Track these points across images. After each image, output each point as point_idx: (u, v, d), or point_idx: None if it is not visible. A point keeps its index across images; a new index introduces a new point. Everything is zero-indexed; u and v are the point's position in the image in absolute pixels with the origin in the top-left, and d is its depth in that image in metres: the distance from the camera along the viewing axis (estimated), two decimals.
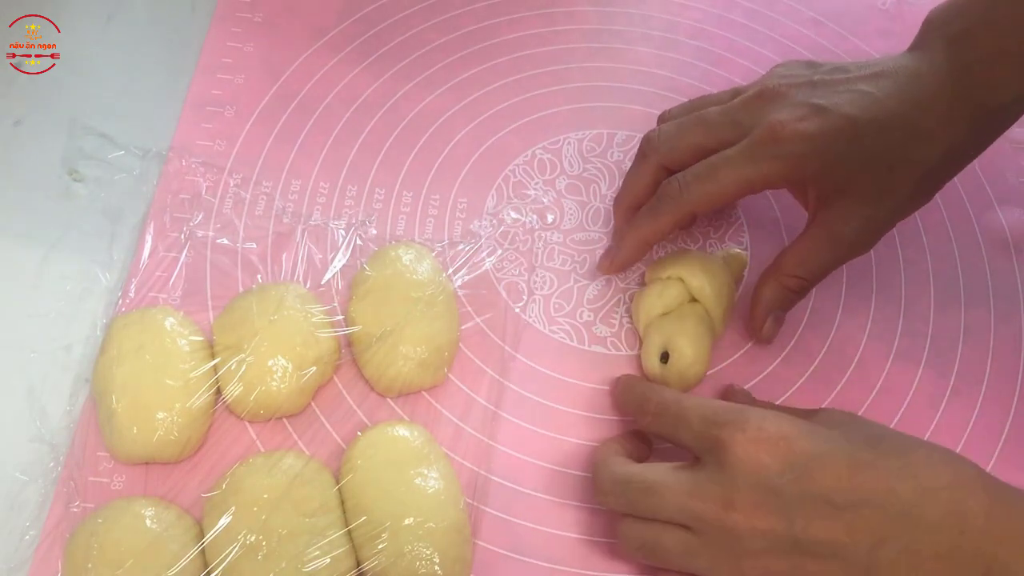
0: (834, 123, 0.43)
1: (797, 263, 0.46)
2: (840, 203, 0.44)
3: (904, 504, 0.36)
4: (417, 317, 0.46)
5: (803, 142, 0.43)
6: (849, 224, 0.44)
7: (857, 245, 0.45)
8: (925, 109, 0.43)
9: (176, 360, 0.44)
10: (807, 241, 0.45)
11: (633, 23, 0.61)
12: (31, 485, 0.43)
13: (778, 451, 0.37)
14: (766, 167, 0.43)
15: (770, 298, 0.46)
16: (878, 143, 0.43)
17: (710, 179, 0.44)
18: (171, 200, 0.52)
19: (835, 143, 0.43)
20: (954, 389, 0.49)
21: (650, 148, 0.47)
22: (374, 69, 0.58)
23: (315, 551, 0.40)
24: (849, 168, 0.43)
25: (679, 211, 0.45)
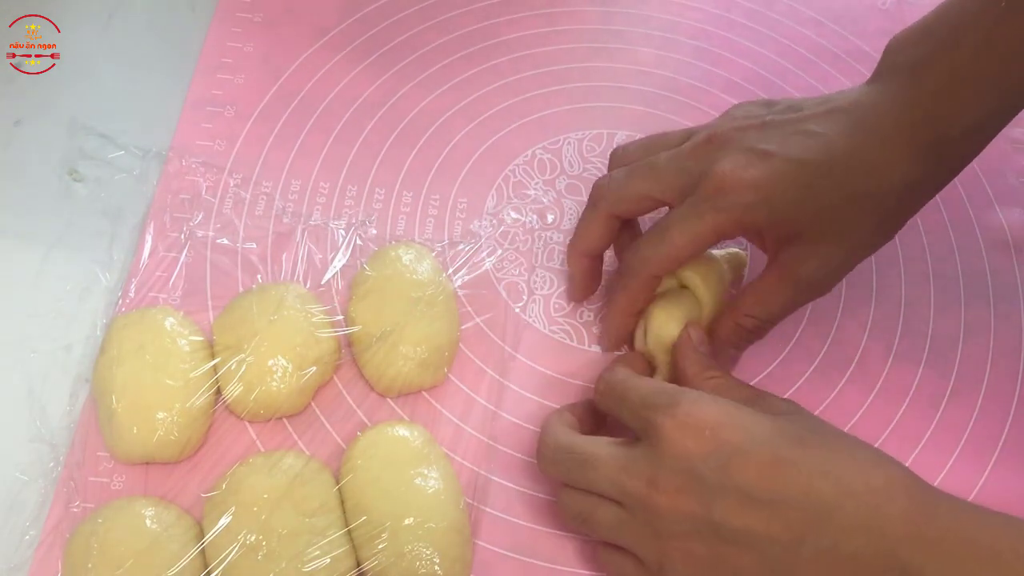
0: (780, 168, 0.42)
1: (754, 303, 0.45)
2: (798, 245, 0.43)
3: (823, 504, 0.36)
4: (417, 317, 0.46)
5: (748, 191, 0.42)
6: (807, 265, 0.43)
7: (816, 286, 0.44)
8: (879, 144, 0.42)
9: (176, 360, 0.44)
10: (765, 282, 0.44)
11: (633, 23, 0.61)
12: (31, 485, 0.43)
13: (703, 439, 0.38)
14: (712, 220, 0.42)
15: (725, 336, 0.45)
16: (829, 184, 0.42)
17: (663, 242, 0.44)
18: (171, 200, 0.52)
19: (783, 189, 0.42)
20: (954, 389, 0.49)
21: (599, 196, 0.47)
22: (374, 69, 0.58)
23: (315, 551, 0.40)
24: (801, 212, 0.42)
25: (641, 280, 0.45)
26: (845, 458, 0.37)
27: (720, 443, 0.37)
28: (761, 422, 0.38)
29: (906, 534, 0.35)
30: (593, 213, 0.47)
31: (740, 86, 0.59)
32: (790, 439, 0.38)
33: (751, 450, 0.37)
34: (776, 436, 0.38)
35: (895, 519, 0.35)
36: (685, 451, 0.38)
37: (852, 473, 0.36)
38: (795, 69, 0.60)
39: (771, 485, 0.36)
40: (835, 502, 0.36)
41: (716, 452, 0.37)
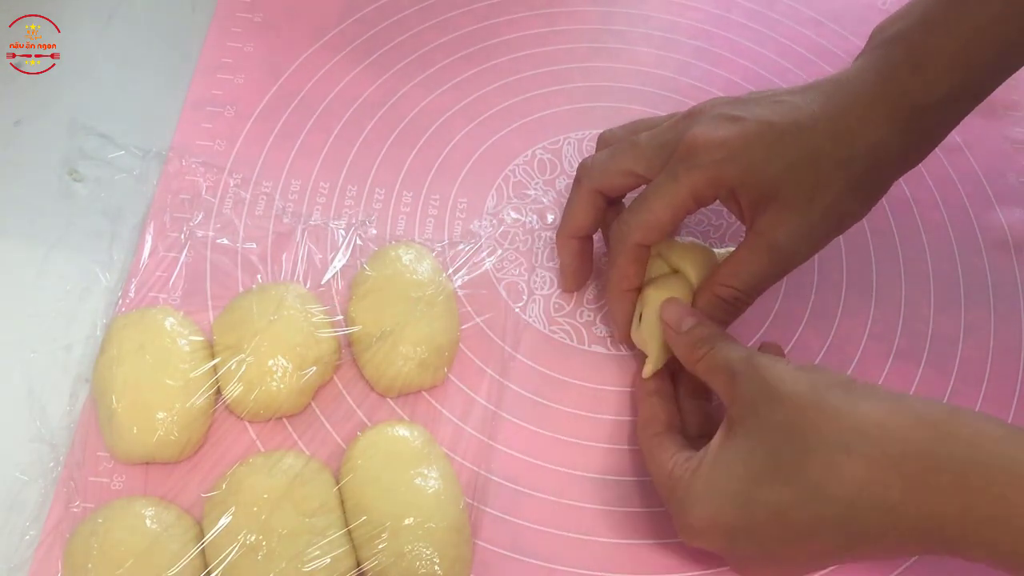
0: (750, 128, 0.43)
1: (730, 272, 0.45)
2: (771, 210, 0.43)
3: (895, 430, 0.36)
4: (417, 317, 0.46)
5: (717, 149, 0.42)
6: (781, 230, 0.43)
7: (791, 253, 0.44)
8: (847, 110, 0.42)
9: (176, 360, 0.44)
10: (742, 251, 0.44)
11: (633, 23, 0.61)
12: (31, 485, 0.43)
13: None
14: (686, 180, 0.43)
15: (702, 307, 0.45)
16: (799, 144, 0.42)
17: (643, 210, 0.44)
18: (171, 200, 0.52)
19: (753, 147, 0.42)
20: (954, 389, 0.49)
21: (583, 174, 0.47)
22: (374, 69, 0.58)
23: (315, 551, 0.40)
24: (772, 172, 0.42)
25: (626, 249, 0.45)
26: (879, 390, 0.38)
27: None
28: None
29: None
30: (577, 191, 0.48)
31: (740, 86, 0.59)
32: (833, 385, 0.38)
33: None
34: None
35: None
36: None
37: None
38: (795, 69, 0.60)
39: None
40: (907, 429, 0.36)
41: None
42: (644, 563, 0.44)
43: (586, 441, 0.47)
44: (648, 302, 0.46)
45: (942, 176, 0.56)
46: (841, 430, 0.36)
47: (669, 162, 0.44)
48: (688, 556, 0.44)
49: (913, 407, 0.36)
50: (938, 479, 0.34)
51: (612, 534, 0.44)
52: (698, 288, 0.46)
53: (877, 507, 0.36)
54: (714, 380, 0.42)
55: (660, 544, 0.44)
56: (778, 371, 0.39)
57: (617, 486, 0.46)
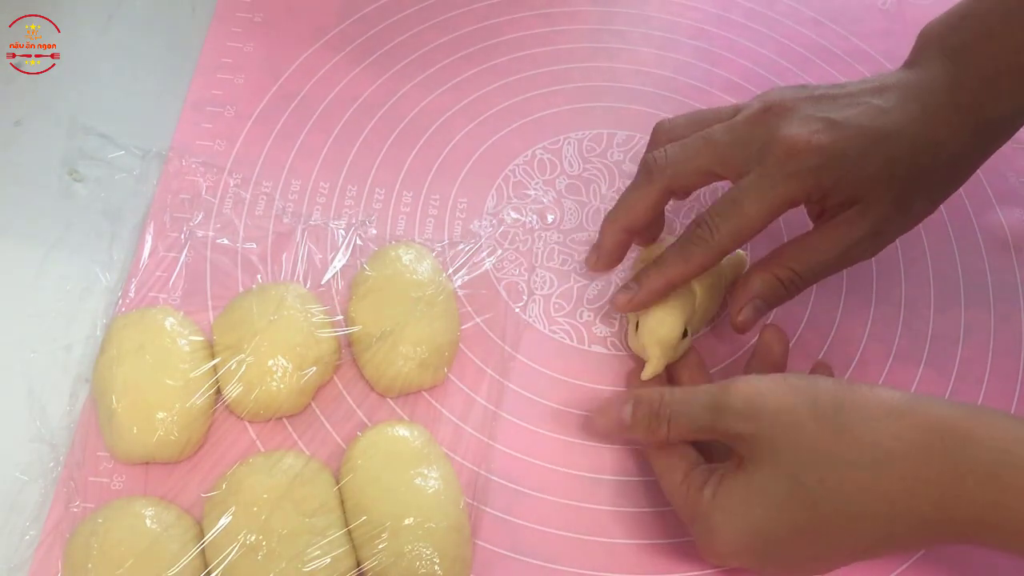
0: (846, 134, 0.43)
1: (795, 255, 0.45)
2: (852, 210, 0.44)
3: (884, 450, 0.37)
4: (417, 317, 0.46)
5: (818, 155, 0.42)
6: (858, 229, 0.44)
7: (860, 251, 0.45)
8: (930, 120, 0.43)
9: (176, 360, 0.44)
10: (812, 238, 0.45)
11: (633, 23, 0.61)
12: (31, 485, 0.43)
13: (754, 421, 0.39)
14: (785, 187, 0.43)
15: (758, 285, 0.45)
16: (888, 153, 0.43)
17: (736, 215, 0.43)
18: (171, 200, 0.52)
19: (848, 154, 0.43)
20: (954, 389, 0.49)
21: (656, 170, 0.46)
22: (374, 69, 0.58)
23: (315, 551, 0.40)
24: (861, 178, 0.43)
25: (711, 254, 0.44)
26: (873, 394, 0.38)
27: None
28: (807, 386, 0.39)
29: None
30: (647, 187, 0.46)
31: (740, 86, 0.59)
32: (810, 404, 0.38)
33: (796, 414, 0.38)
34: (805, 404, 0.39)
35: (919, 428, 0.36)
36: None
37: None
38: (795, 69, 0.60)
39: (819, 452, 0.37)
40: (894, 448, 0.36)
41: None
42: (644, 563, 0.44)
43: (586, 441, 0.47)
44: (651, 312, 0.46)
45: None
46: (862, 450, 0.37)
47: (763, 165, 0.43)
48: (689, 556, 0.44)
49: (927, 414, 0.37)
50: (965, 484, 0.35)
51: (612, 534, 0.44)
52: (753, 267, 0.46)
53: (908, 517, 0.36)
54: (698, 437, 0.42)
55: (660, 544, 0.44)
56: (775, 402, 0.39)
57: (617, 486, 0.46)
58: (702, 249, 0.44)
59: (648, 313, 0.46)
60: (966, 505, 0.35)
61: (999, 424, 0.36)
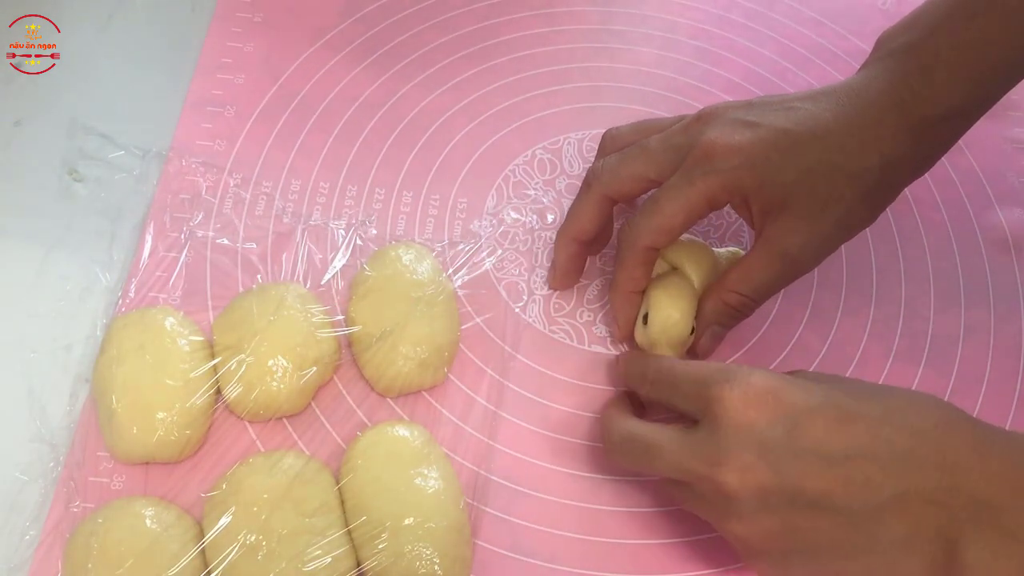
0: (766, 135, 0.43)
1: (739, 279, 0.45)
2: (783, 218, 0.43)
3: (896, 449, 0.36)
4: (417, 317, 0.46)
5: (735, 155, 0.43)
6: (792, 238, 0.43)
7: (801, 261, 0.45)
8: (861, 121, 0.43)
9: (176, 360, 0.44)
10: (751, 258, 0.45)
11: (633, 23, 0.61)
12: (31, 485, 0.43)
13: (767, 405, 0.37)
14: (702, 185, 0.43)
15: (709, 312, 0.46)
16: (813, 154, 0.43)
17: (655, 213, 0.44)
18: (171, 200, 0.52)
19: (769, 155, 0.43)
20: (954, 389, 0.49)
21: (593, 179, 0.47)
22: (374, 69, 0.58)
23: (315, 551, 0.40)
24: (786, 180, 0.43)
25: (636, 252, 0.45)
26: (902, 403, 0.37)
27: (784, 407, 0.37)
28: (815, 385, 0.39)
29: (978, 468, 0.35)
30: (587, 196, 0.48)
31: (740, 86, 0.59)
32: (847, 395, 0.38)
33: (816, 410, 0.37)
34: (833, 394, 0.38)
35: (964, 452, 0.35)
36: (749, 421, 0.37)
37: (914, 415, 0.37)
38: (795, 69, 0.60)
39: (843, 440, 0.36)
40: (907, 445, 0.36)
41: (782, 417, 0.37)
42: (644, 563, 0.44)
43: (586, 441, 0.47)
44: (654, 302, 0.46)
45: (942, 176, 0.56)
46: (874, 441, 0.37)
47: (683, 166, 0.44)
48: (689, 556, 0.44)
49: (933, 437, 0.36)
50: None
51: (612, 534, 0.44)
52: (704, 294, 0.46)
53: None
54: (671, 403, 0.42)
55: (660, 544, 0.44)
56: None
57: (617, 486, 0.46)
58: (629, 252, 0.45)
59: (658, 311, 0.46)
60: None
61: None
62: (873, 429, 0.36)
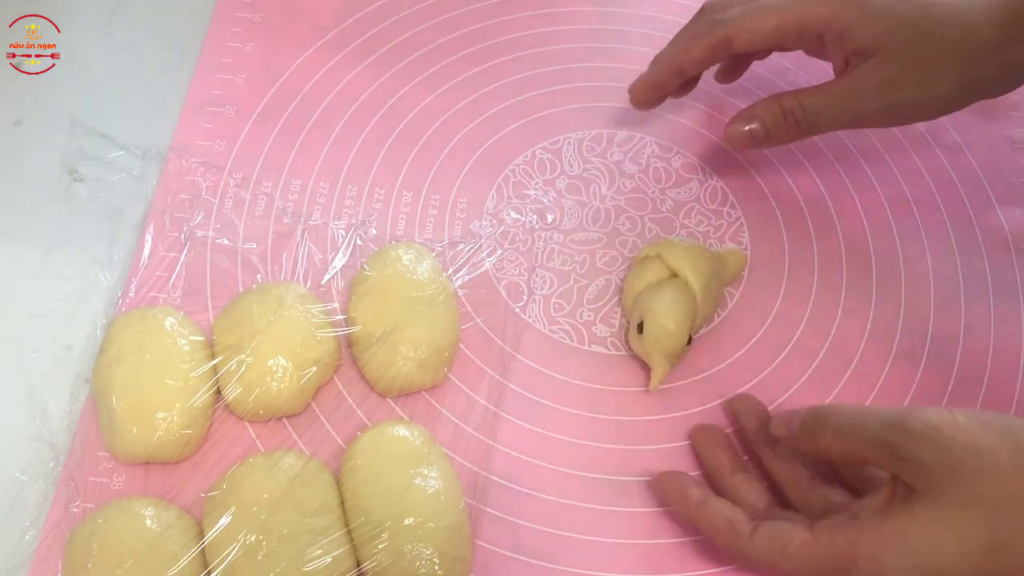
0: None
1: (806, 92, 0.46)
2: (871, 60, 0.44)
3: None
4: (417, 317, 0.46)
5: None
6: (871, 79, 0.45)
7: (868, 103, 0.45)
8: (971, 10, 0.44)
9: (176, 360, 0.44)
10: (827, 83, 0.46)
11: (633, 23, 0.61)
12: (31, 485, 0.43)
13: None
14: (807, 4, 0.44)
15: (762, 106, 0.46)
16: (920, 14, 0.44)
17: (752, 10, 0.45)
18: (171, 200, 0.52)
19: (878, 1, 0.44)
20: (954, 389, 0.49)
21: (721, 19, 0.46)
22: (374, 69, 0.58)
23: (315, 551, 0.40)
24: (888, 28, 0.44)
25: (711, 36, 0.45)
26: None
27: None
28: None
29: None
30: (709, 33, 0.47)
31: (740, 86, 0.58)
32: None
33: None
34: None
35: None
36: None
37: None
38: (795, 69, 0.60)
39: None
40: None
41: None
42: (644, 563, 0.44)
43: (586, 441, 0.47)
44: (649, 311, 0.46)
45: (942, 176, 0.56)
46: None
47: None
48: (689, 556, 0.44)
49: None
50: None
51: (612, 534, 0.44)
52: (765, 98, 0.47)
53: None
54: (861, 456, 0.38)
55: (661, 544, 0.44)
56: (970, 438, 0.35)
57: (617, 486, 0.46)
58: (704, 31, 0.46)
59: (653, 321, 0.46)
60: None
61: None
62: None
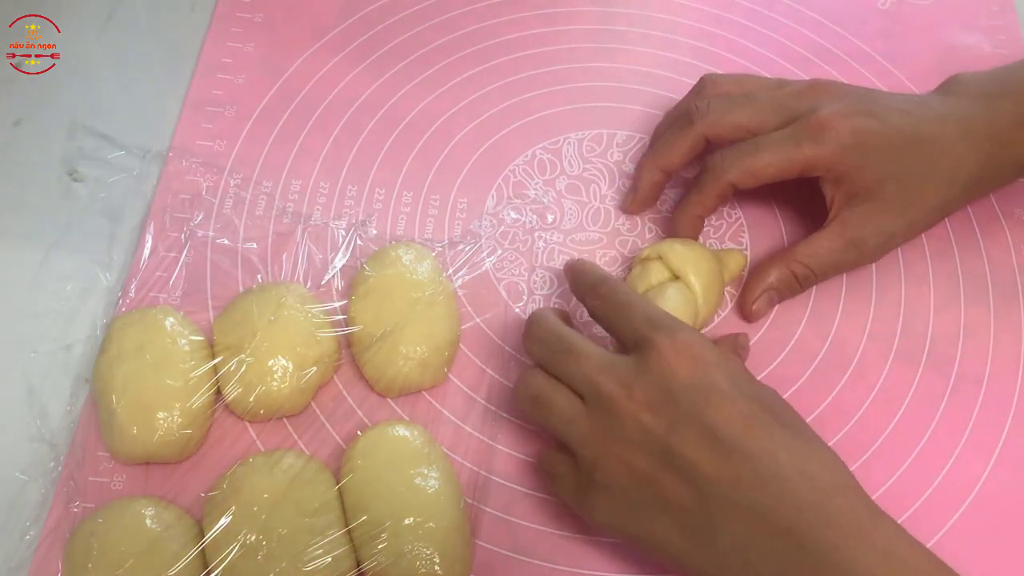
0: (878, 127, 0.46)
1: (810, 254, 0.48)
2: (865, 207, 0.47)
3: (779, 472, 0.36)
4: (417, 317, 0.46)
5: (850, 135, 0.45)
6: (867, 230, 0.47)
7: (869, 252, 0.48)
8: (961, 140, 0.47)
9: (176, 360, 0.44)
10: (825, 238, 0.48)
11: (633, 23, 0.61)
12: (31, 485, 0.43)
13: (693, 368, 0.39)
14: (808, 151, 0.45)
15: (774, 277, 0.48)
16: (914, 159, 0.46)
17: (752, 155, 0.46)
18: (171, 200, 0.52)
19: (877, 147, 0.46)
20: (954, 389, 0.49)
21: (697, 117, 0.49)
22: (374, 69, 0.58)
23: (315, 551, 0.40)
24: (884, 174, 0.46)
25: (718, 183, 0.47)
26: (810, 447, 0.38)
27: (707, 378, 0.39)
28: (750, 382, 0.41)
29: (850, 530, 0.35)
30: (686, 131, 0.49)
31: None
32: (769, 408, 0.39)
33: (732, 396, 0.38)
34: (758, 398, 0.39)
35: (846, 513, 0.36)
36: (672, 372, 0.39)
37: (815, 461, 0.37)
38: (795, 69, 0.60)
39: (737, 433, 0.37)
40: (791, 476, 0.36)
41: (699, 384, 0.39)
42: (644, 563, 0.44)
43: None
44: None
45: None
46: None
47: (794, 127, 0.46)
48: None
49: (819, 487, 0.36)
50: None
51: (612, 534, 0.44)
52: (770, 261, 0.49)
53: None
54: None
55: None
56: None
57: None
58: (712, 180, 0.47)
59: None
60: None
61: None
62: (769, 444, 0.37)
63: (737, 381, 0.39)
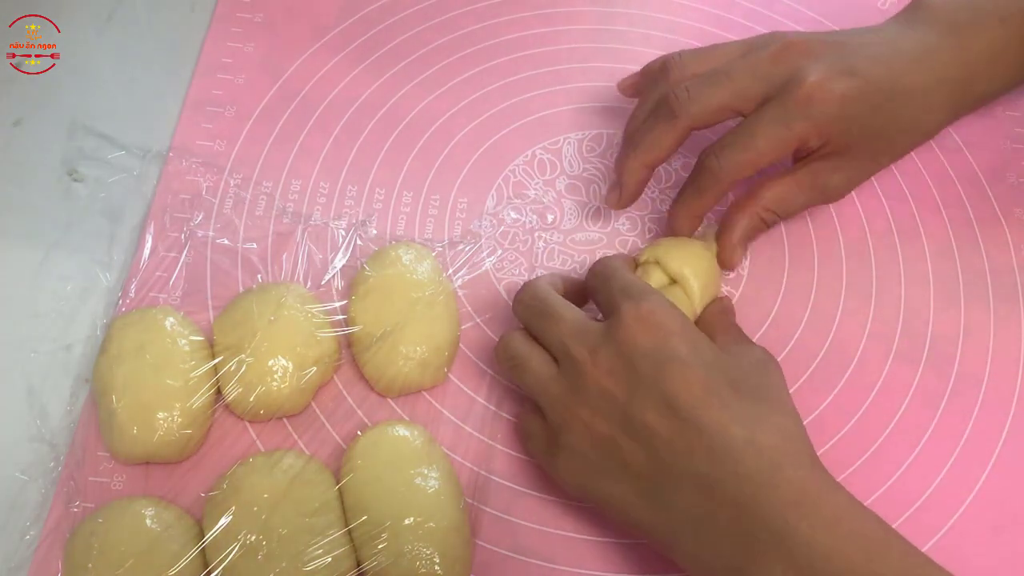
0: (861, 87, 0.45)
1: (776, 199, 0.47)
2: (836, 159, 0.47)
3: (729, 446, 0.37)
4: (417, 317, 0.46)
5: (835, 104, 0.44)
6: (836, 178, 0.47)
7: (833, 196, 0.49)
8: (933, 89, 0.47)
9: (176, 360, 0.44)
10: (794, 184, 0.47)
11: (633, 23, 0.61)
12: (31, 485, 0.43)
13: (654, 335, 0.40)
14: (800, 130, 0.45)
15: (745, 225, 0.48)
16: (891, 114, 0.46)
17: (749, 148, 0.45)
18: (171, 200, 0.52)
19: (860, 108, 0.45)
20: (954, 389, 0.49)
21: (678, 108, 0.46)
22: (374, 69, 0.58)
23: (315, 551, 0.40)
24: (863, 132, 0.46)
25: (719, 184, 0.46)
26: (766, 417, 0.39)
27: (666, 347, 0.39)
28: (711, 350, 0.41)
29: (796, 500, 0.36)
30: (671, 124, 0.47)
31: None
32: (728, 378, 0.40)
33: (691, 364, 0.39)
34: (717, 368, 0.40)
35: (792, 483, 0.36)
36: (632, 339, 0.40)
37: (769, 431, 0.38)
38: None
39: (691, 403, 0.38)
40: (741, 448, 0.37)
41: (658, 352, 0.39)
42: (644, 563, 0.44)
43: None
44: None
45: (942, 176, 0.56)
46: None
47: (780, 104, 0.45)
48: None
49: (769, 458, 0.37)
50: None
51: (612, 534, 0.44)
52: (736, 207, 0.48)
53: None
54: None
55: None
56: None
57: None
58: (711, 182, 0.46)
59: None
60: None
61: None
62: (721, 416, 0.38)
63: (699, 348, 0.40)
